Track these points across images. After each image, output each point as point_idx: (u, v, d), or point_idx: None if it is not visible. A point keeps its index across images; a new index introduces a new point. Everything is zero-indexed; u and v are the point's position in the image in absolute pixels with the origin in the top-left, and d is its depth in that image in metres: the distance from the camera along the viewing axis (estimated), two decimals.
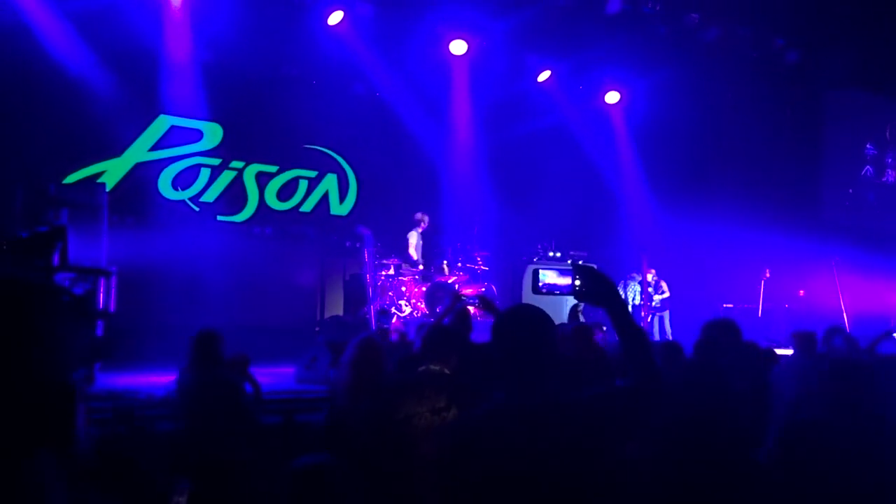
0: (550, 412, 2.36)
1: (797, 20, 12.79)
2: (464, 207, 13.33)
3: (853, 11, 12.27)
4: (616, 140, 14.87)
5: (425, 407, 3.93)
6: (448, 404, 3.95)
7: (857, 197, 15.97)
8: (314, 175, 13.22)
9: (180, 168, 11.96)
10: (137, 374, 8.24)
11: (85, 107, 10.50)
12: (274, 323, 11.00)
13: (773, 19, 12.85)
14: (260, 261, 12.02)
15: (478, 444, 2.35)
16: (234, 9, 10.90)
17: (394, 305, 11.60)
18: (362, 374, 4.37)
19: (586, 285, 2.57)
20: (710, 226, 13.29)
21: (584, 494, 2.30)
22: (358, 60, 12.33)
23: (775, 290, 13.21)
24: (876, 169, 16.23)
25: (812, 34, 13.28)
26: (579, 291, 2.59)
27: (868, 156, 16.17)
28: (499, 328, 2.55)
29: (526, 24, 12.12)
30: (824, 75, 14.45)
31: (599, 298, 2.55)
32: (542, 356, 2.44)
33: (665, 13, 12.51)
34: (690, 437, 2.77)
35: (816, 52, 13.71)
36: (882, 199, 16.18)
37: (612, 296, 2.53)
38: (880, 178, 16.29)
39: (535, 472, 2.26)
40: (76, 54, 10.34)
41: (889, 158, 16.41)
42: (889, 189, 16.39)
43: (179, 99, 11.52)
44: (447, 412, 3.93)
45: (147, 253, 9.93)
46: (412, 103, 13.06)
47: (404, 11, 11.92)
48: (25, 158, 9.53)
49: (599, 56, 13.16)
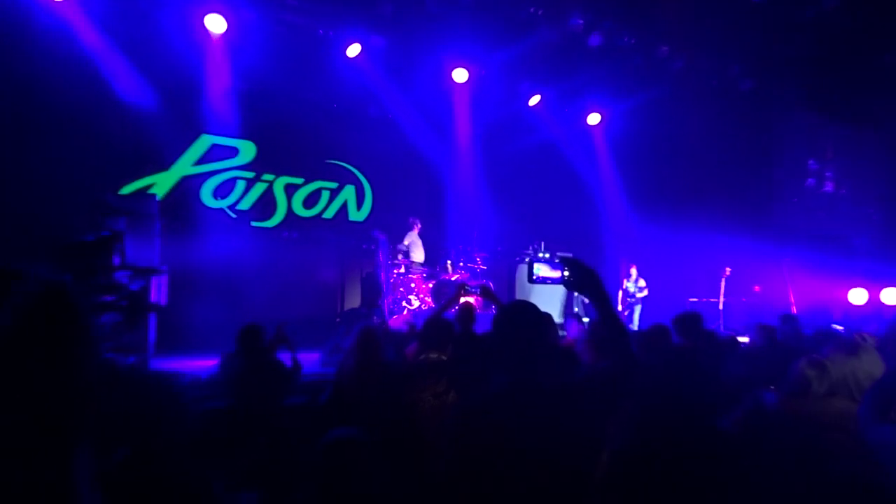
0: (546, 391, 2.38)
1: (751, 53, 12.83)
2: (465, 214, 13.40)
3: (799, 45, 12.30)
4: (597, 155, 14.92)
5: (428, 392, 4.00)
6: (447, 388, 4.01)
7: (801, 205, 16.09)
8: (335, 186, 13.29)
9: (220, 180, 12.03)
10: (184, 358, 8.32)
11: (138, 127, 10.58)
12: (300, 314, 10.93)
13: (731, 52, 12.87)
14: (288, 261, 12.09)
15: (483, 420, 2.36)
16: (266, 43, 11.00)
17: (404, 300, 11.69)
18: (363, 358, 4.41)
19: (574, 276, 2.57)
20: (677, 230, 13.35)
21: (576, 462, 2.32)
22: (373, 87, 12.39)
23: (734, 286, 13.25)
24: (817, 181, 16.38)
25: (764, 65, 13.28)
26: (567, 281, 2.59)
27: (811, 170, 16.29)
28: (500, 320, 2.55)
29: (519, 56, 12.16)
30: (775, 100, 14.49)
31: (584, 287, 2.57)
32: (538, 344, 2.46)
33: (639, 46, 12.52)
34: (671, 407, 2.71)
35: (768, 81, 13.72)
36: (822, 207, 16.33)
37: (596, 285, 2.55)
38: (820, 188, 16.44)
39: (534, 444, 2.26)
40: (131, 82, 10.41)
41: (828, 172, 16.54)
42: (828, 198, 16.52)
43: (219, 120, 11.60)
44: (446, 395, 3.98)
45: (192, 254, 10.11)
46: (420, 123, 13.12)
47: (413, 44, 11.93)
48: (89, 173, 9.54)
49: (583, 83, 13.26)
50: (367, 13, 11.07)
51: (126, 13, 10.02)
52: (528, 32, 11.69)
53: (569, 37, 11.90)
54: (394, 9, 10.94)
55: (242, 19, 10.72)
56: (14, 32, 9.10)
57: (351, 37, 11.48)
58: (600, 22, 11.88)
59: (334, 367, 7.95)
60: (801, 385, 3.27)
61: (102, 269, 7.91)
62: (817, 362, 3.33)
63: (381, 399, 4.13)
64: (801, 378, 3.28)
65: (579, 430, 2.33)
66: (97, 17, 9.86)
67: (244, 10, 10.60)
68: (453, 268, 12.09)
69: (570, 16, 11.66)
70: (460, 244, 12.62)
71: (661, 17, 11.47)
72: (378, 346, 4.48)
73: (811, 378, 3.26)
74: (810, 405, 3.23)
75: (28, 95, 9.03)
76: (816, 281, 12.47)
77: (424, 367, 4.22)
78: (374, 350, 4.45)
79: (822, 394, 3.26)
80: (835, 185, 16.54)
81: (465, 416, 2.45)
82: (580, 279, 2.56)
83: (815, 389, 3.25)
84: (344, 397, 4.43)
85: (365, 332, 4.54)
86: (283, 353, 5.25)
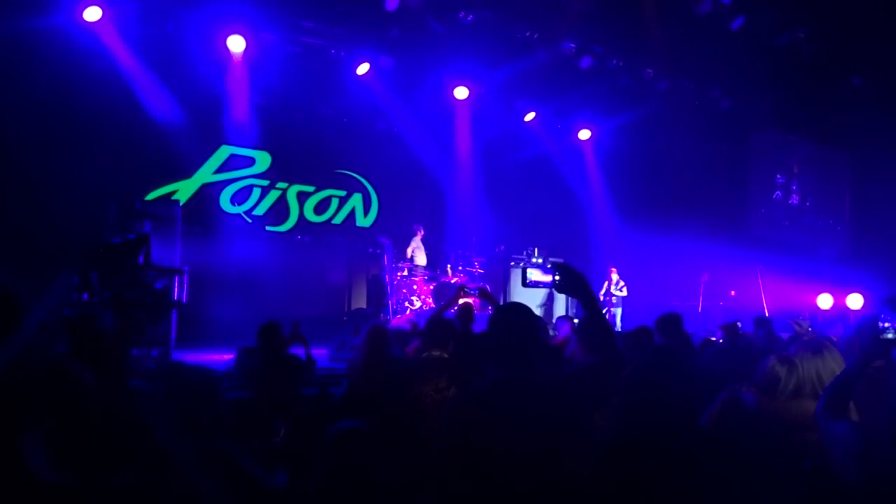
0: (537, 385, 2.37)
1: (728, 75, 12.99)
2: (464, 221, 13.44)
3: (771, 68, 12.45)
4: (587, 168, 14.98)
5: (430, 387, 3.96)
6: (448, 384, 3.97)
7: (769, 216, 16.23)
8: (344, 194, 13.34)
9: (237, 188, 12.10)
10: (203, 352, 8.34)
11: (164, 139, 10.67)
12: (310, 313, 10.81)
13: (710, 75, 13.02)
14: (299, 263, 12.15)
15: (477, 411, 2.36)
16: (282, 61, 11.16)
17: (407, 300, 11.78)
18: (372, 354, 4.40)
19: (564, 280, 2.56)
20: (660, 238, 13.39)
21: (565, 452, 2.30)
22: (380, 102, 12.47)
23: (712, 291, 13.34)
24: (784, 193, 16.52)
25: (740, 87, 13.41)
26: (558, 285, 2.56)
27: (778, 183, 16.42)
28: (495, 319, 2.57)
29: (516, 76, 12.26)
30: (748, 119, 14.62)
31: (574, 290, 2.56)
32: (529, 342, 2.46)
33: (626, 68, 12.66)
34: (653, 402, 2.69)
35: (743, 101, 13.84)
36: (789, 218, 16.47)
37: (584, 288, 2.54)
38: (787, 200, 16.59)
39: (524, 433, 2.26)
40: (159, 98, 10.52)
41: (794, 185, 16.68)
42: (794, 210, 16.66)
43: (237, 132, 11.69)
44: (447, 391, 3.94)
45: (211, 256, 10.17)
46: (423, 137, 13.19)
47: (417, 64, 12.02)
48: (117, 180, 9.62)
49: (574, 101, 13.35)
50: (376, 35, 11.20)
51: (156, 35, 10.15)
52: (524, 54, 11.82)
53: (562, 59, 12.04)
54: (400, 32, 11.07)
55: (262, 41, 10.87)
56: (56, 52, 9.22)
57: (361, 57, 11.59)
58: (591, 46, 12.02)
59: (342, 363, 8.06)
60: (770, 381, 3.16)
61: (129, 269, 8.01)
62: (787, 359, 3.22)
63: (388, 393, 4.14)
64: (771, 374, 3.17)
65: (568, 421, 2.32)
66: (130, 39, 9.99)
67: (263, 33, 10.75)
68: (453, 271, 12.14)
69: (563, 39, 11.82)
70: (459, 249, 12.64)
71: (647, 42, 11.57)
72: (386, 343, 4.48)
73: (780, 374, 3.14)
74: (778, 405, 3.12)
75: (66, 109, 9.15)
76: (786, 286, 12.53)
77: (427, 364, 4.20)
78: (382, 347, 4.44)
79: (790, 392, 3.14)
80: (800, 198, 16.67)
81: (460, 406, 2.47)
82: (570, 283, 2.55)
83: (783, 386, 3.13)
84: (354, 391, 4.44)
85: (374, 330, 4.55)
86: (296, 349, 5.32)
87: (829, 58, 12.24)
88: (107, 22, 9.61)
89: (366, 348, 4.42)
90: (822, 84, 13.10)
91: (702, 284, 13.11)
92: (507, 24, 11.39)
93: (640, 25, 11.16)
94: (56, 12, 9.16)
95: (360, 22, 11.00)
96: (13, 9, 8.82)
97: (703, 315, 12.60)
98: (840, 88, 13.22)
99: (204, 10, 10.07)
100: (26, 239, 8.71)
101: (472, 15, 10.99)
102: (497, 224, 13.50)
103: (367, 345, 4.44)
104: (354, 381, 4.53)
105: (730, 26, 11.22)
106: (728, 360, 5.11)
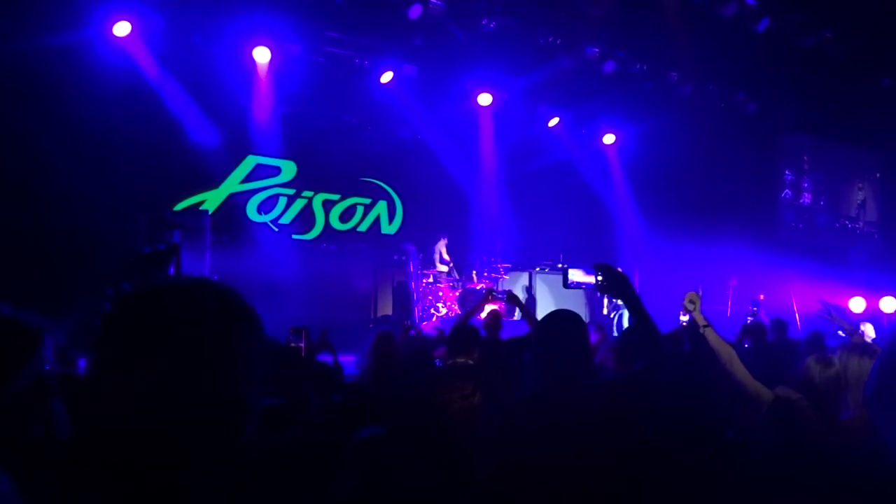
0: (585, 392, 2.35)
1: (755, 78, 12.88)
2: (489, 227, 13.40)
3: (798, 70, 12.33)
4: (612, 173, 14.90)
5: (456, 394, 3.92)
6: (474, 391, 3.93)
7: (797, 219, 16.05)
8: (368, 202, 13.38)
9: (263, 197, 12.19)
10: None
11: (191, 149, 10.81)
12: (337, 320, 10.68)
13: (735, 77, 12.94)
14: (325, 271, 12.13)
15: (525, 417, 2.32)
16: (307, 71, 11.27)
17: (433, 307, 11.79)
18: (378, 361, 4.43)
19: (607, 280, 2.52)
20: (688, 243, 13.29)
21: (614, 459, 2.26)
22: (404, 110, 12.52)
23: (741, 295, 13.15)
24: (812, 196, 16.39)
25: (766, 89, 13.31)
26: (601, 286, 2.54)
27: (805, 186, 16.26)
28: (545, 326, 2.54)
29: (539, 82, 12.26)
30: (776, 122, 14.48)
31: (617, 291, 2.53)
32: (579, 348, 2.43)
33: (650, 72, 12.62)
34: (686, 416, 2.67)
35: (770, 104, 13.72)
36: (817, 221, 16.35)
37: (628, 289, 2.49)
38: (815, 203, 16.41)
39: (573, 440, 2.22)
40: (185, 109, 10.64)
41: (822, 188, 16.51)
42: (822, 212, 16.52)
43: (263, 142, 11.78)
44: (473, 397, 3.90)
45: (238, 264, 10.15)
46: (447, 144, 13.20)
47: (441, 71, 12.09)
48: (147, 191, 9.78)
49: (598, 106, 13.31)
50: (400, 44, 11.29)
51: (183, 47, 10.31)
52: (547, 60, 11.84)
53: (585, 64, 12.06)
54: (423, 40, 11.15)
55: (286, 51, 10.99)
56: (86, 67, 9.39)
57: (384, 65, 11.66)
58: (614, 51, 12.01)
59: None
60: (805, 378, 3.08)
61: (160, 279, 8.15)
62: (824, 357, 3.16)
63: (401, 400, 4.15)
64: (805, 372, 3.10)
65: (618, 428, 2.29)
66: (157, 52, 10.14)
67: (288, 44, 10.87)
68: (478, 277, 12.15)
69: (586, 45, 11.81)
70: (484, 255, 12.63)
71: (671, 46, 11.52)
72: (393, 351, 4.50)
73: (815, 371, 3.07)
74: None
75: (96, 123, 9.28)
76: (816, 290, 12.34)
77: (452, 371, 4.19)
78: (389, 354, 4.46)
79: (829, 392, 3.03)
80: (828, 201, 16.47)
81: (507, 413, 2.40)
82: (613, 283, 2.52)
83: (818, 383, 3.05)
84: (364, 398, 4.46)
85: (380, 337, 4.59)
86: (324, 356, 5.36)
87: (858, 59, 12.09)
88: (135, 36, 9.78)
89: (373, 356, 4.44)
90: (851, 85, 12.94)
91: (730, 289, 12.95)
92: (530, 30, 11.42)
93: (663, 29, 11.12)
94: (86, 28, 9.36)
95: (384, 31, 11.09)
96: (46, 26, 9.05)
97: (732, 320, 12.45)
98: (869, 90, 13.05)
99: (230, 22, 10.21)
100: (61, 251, 8.89)
101: (494, 22, 11.03)
102: (521, 230, 13.46)
103: (374, 352, 4.46)
104: (364, 388, 4.56)
105: (755, 28, 11.13)
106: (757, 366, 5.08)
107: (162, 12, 9.80)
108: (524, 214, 13.60)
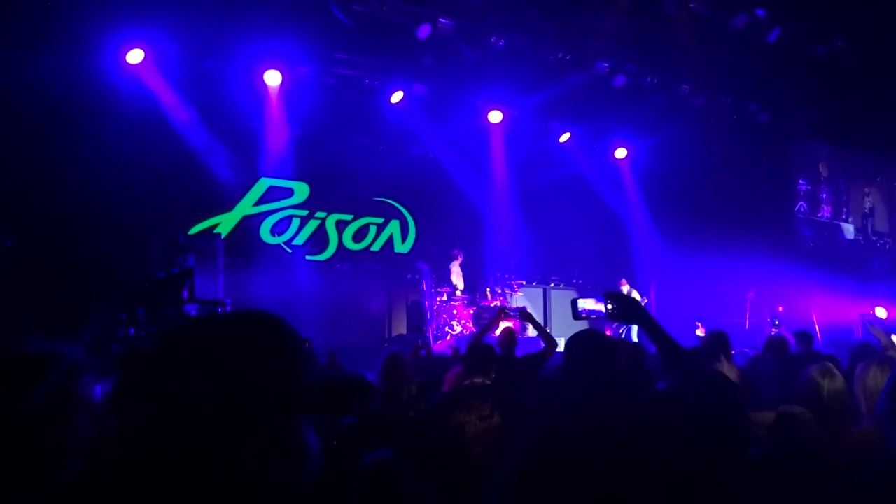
0: (624, 410, 2.27)
1: (767, 88, 12.83)
2: (502, 244, 13.34)
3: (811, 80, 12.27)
4: (624, 187, 14.87)
5: (473, 415, 3.82)
6: (492, 412, 3.84)
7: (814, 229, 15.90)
8: (381, 221, 13.42)
9: (277, 219, 12.24)
10: None
11: (204, 173, 10.89)
12: (351, 340, 10.82)
13: (747, 88, 12.89)
14: (339, 291, 12.11)
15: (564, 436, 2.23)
16: (318, 93, 11.35)
17: (447, 325, 11.75)
18: (388, 383, 4.33)
19: (617, 308, 2.48)
20: (703, 255, 13.16)
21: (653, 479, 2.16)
22: (415, 129, 12.56)
23: (759, 307, 13.07)
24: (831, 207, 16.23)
25: (778, 99, 13.25)
26: (612, 314, 2.49)
27: (822, 197, 16.12)
28: (574, 346, 2.46)
29: (550, 97, 12.25)
30: (788, 132, 14.40)
31: (630, 318, 2.49)
32: (610, 368, 2.38)
33: (661, 85, 12.59)
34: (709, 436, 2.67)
35: (782, 114, 13.66)
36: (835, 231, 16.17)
37: (641, 314, 2.44)
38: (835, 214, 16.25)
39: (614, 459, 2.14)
40: (199, 133, 10.73)
41: (842, 198, 16.38)
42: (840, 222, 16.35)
43: (276, 164, 11.85)
44: (491, 419, 3.81)
45: (253, 287, 10.22)
46: (458, 161, 13.22)
47: (451, 90, 12.14)
48: (161, 215, 9.86)
49: (609, 120, 13.30)
50: (409, 64, 11.35)
51: (195, 73, 10.41)
52: (557, 76, 11.84)
53: (595, 79, 12.03)
54: (433, 59, 11.20)
55: (297, 74, 11.07)
56: (101, 94, 9.53)
57: (394, 85, 11.73)
58: (624, 65, 12.00)
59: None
60: (811, 390, 3.04)
61: (174, 303, 8.19)
62: (827, 368, 3.11)
63: (417, 420, 4.09)
64: (810, 383, 3.05)
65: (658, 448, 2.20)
66: (170, 77, 10.25)
67: (299, 66, 10.95)
68: (492, 294, 12.09)
69: (596, 60, 11.80)
70: (498, 272, 12.57)
71: (681, 59, 11.51)
72: (404, 371, 4.41)
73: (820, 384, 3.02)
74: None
75: (111, 148, 9.36)
76: (836, 301, 12.22)
77: (469, 392, 4.11)
78: (400, 375, 4.37)
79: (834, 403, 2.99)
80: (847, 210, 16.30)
81: (544, 432, 2.31)
82: (624, 311, 2.49)
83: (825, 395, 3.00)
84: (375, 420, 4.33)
85: (390, 358, 4.48)
86: None
87: (871, 66, 12.02)
88: (148, 63, 9.90)
89: (382, 377, 4.36)
90: (865, 92, 12.86)
91: (748, 301, 12.82)
92: (539, 46, 11.43)
93: (673, 42, 11.11)
94: (100, 57, 9.50)
95: (393, 51, 11.16)
96: (62, 55, 9.20)
97: (750, 332, 12.33)
98: (884, 97, 12.96)
99: (241, 47, 10.30)
100: (77, 275, 8.94)
101: (503, 40, 11.06)
102: (535, 246, 13.41)
103: (384, 374, 4.37)
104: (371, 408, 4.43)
105: (766, 39, 11.10)
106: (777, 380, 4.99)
107: (174, 39, 9.91)
108: (537, 231, 13.55)
